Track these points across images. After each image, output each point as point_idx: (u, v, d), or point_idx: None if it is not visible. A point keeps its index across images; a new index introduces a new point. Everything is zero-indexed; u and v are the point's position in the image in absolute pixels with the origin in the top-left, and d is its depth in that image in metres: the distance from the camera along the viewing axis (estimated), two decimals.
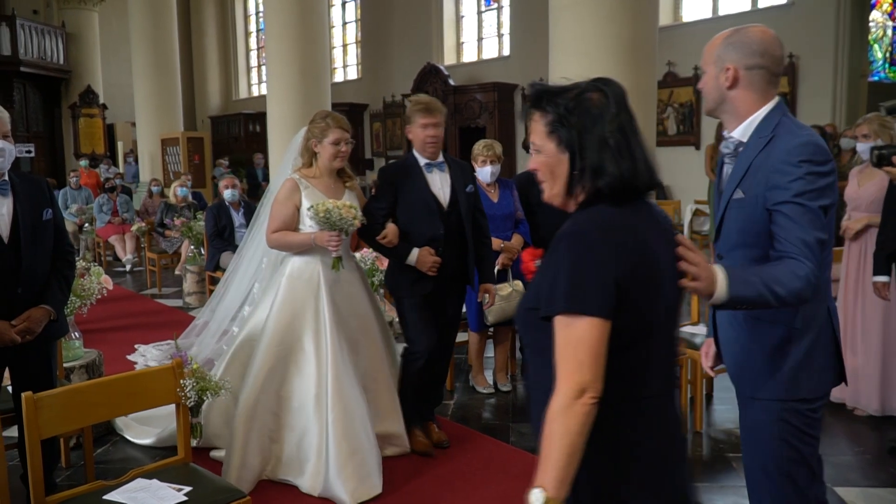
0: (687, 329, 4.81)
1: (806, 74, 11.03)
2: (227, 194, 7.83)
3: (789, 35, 10.89)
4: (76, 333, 4.47)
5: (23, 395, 2.44)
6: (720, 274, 1.95)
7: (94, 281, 4.39)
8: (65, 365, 4.24)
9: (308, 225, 3.76)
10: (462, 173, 4.15)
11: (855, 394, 4.72)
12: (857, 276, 4.70)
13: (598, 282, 1.55)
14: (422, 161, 4.05)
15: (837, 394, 4.80)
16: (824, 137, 7.85)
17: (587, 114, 1.64)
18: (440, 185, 4.05)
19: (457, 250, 4.06)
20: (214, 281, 7.81)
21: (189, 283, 8.49)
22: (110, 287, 4.47)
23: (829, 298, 2.32)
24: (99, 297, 4.40)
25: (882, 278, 4.19)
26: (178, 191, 9.91)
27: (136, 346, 6.05)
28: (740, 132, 2.27)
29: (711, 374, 3.44)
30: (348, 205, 3.65)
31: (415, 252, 3.94)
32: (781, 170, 2.11)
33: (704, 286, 1.89)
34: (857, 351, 4.69)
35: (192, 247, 8.65)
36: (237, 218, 7.88)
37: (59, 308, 3.28)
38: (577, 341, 1.54)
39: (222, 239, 7.70)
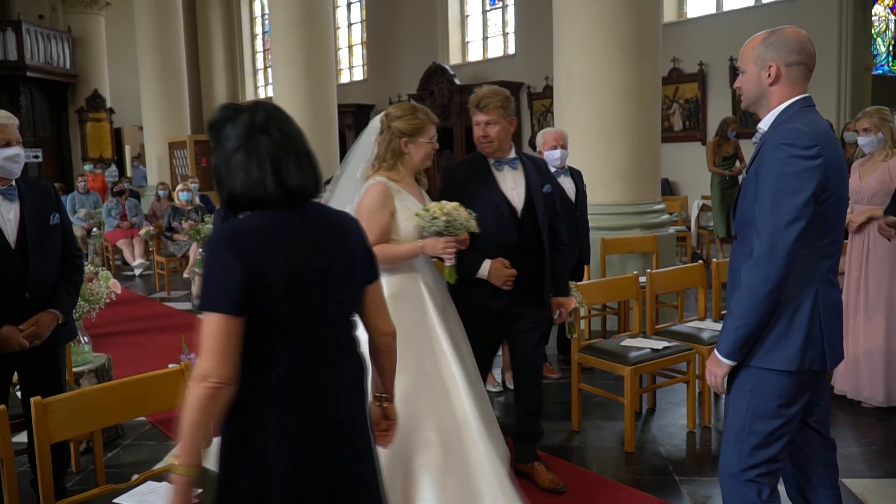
0: (693, 324, 4.81)
1: None
2: None
3: None
4: (85, 338, 4.50)
5: (31, 400, 2.46)
6: (712, 355, 2.45)
7: (103, 285, 4.41)
8: (74, 369, 4.26)
9: (401, 234, 3.24)
10: (538, 171, 3.71)
11: (858, 385, 4.73)
12: (861, 269, 4.71)
13: (221, 282, 1.79)
14: (490, 159, 3.62)
15: (841, 386, 4.82)
16: None
17: (218, 141, 1.92)
18: (512, 184, 3.60)
19: (532, 260, 3.59)
20: None
21: (198, 286, 8.52)
22: (118, 291, 4.49)
23: (826, 284, 2.37)
24: (107, 301, 4.42)
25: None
26: (180, 195, 9.90)
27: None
28: (765, 123, 2.45)
29: None
30: (458, 204, 3.27)
31: (486, 264, 3.47)
32: (769, 153, 2.30)
33: (715, 375, 2.43)
34: (860, 343, 4.70)
35: (200, 250, 8.68)
36: None
37: (68, 312, 3.30)
38: (207, 334, 1.79)
39: None
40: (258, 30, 23.46)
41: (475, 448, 3.07)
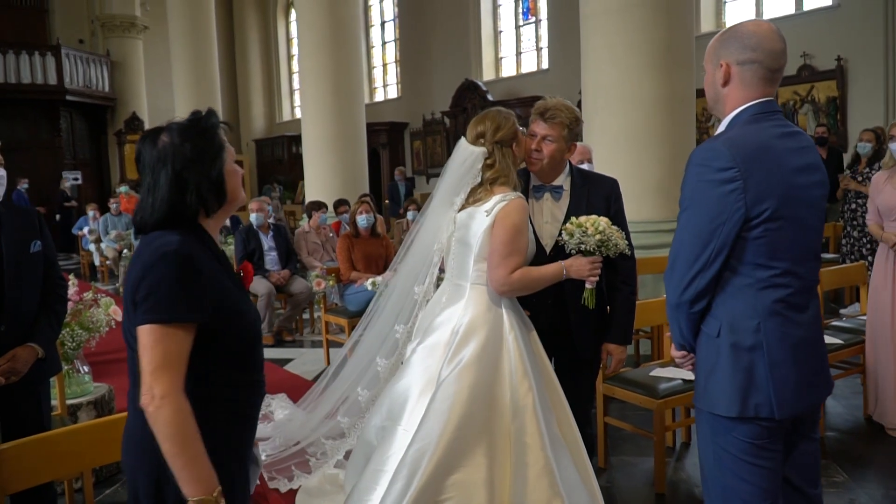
0: None
1: (856, 77, 10.58)
2: (254, 218, 7.70)
3: (837, 37, 10.48)
4: (85, 367, 4.31)
5: None
6: None
7: (103, 312, 4.24)
8: (71, 401, 4.08)
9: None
10: (591, 201, 3.12)
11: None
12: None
13: None
14: (533, 181, 3.20)
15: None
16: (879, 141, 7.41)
17: None
18: (549, 216, 3.13)
19: (562, 304, 3.08)
20: None
21: None
22: (119, 318, 4.31)
23: (774, 318, 2.05)
24: (108, 328, 4.24)
25: None
26: None
27: None
28: (719, 131, 2.19)
29: None
30: (608, 220, 2.94)
31: None
32: (687, 173, 2.10)
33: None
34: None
35: None
36: (266, 241, 7.75)
37: (48, 346, 3.09)
38: None
39: (251, 263, 7.55)
40: (294, 50, 23.52)
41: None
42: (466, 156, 2.96)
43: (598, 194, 3.17)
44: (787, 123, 2.15)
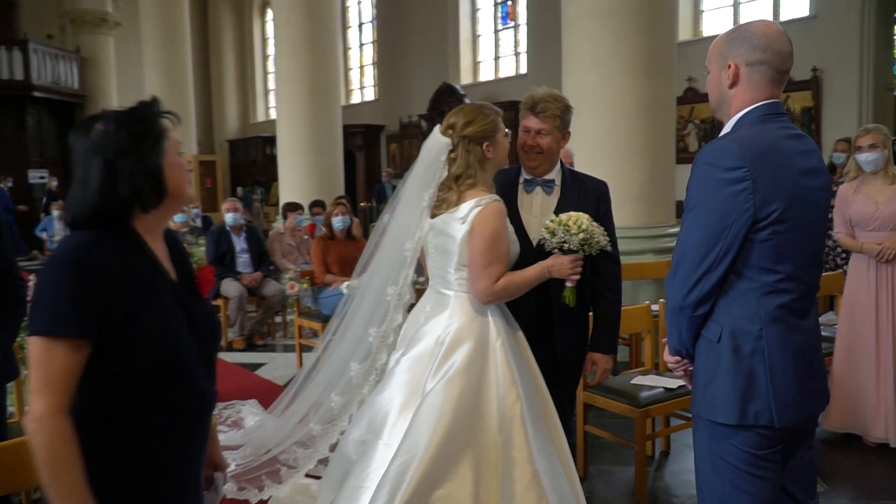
0: None
1: (830, 88, 10.67)
2: (229, 218, 7.55)
3: (813, 48, 10.56)
4: None
5: None
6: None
7: None
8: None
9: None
10: (581, 199, 3.01)
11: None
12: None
13: None
14: (524, 175, 3.09)
15: (877, 433, 4.38)
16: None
17: None
18: (538, 211, 3.02)
19: (546, 302, 2.99)
20: (214, 309, 7.50)
21: None
22: None
23: (776, 324, 2.00)
24: None
25: None
26: (174, 216, 9.63)
27: None
28: (723, 133, 2.15)
29: None
30: (590, 217, 2.83)
31: None
32: (695, 172, 2.05)
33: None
34: (889, 381, 4.30)
35: None
36: (238, 243, 7.60)
37: (5, 349, 2.95)
38: None
39: (223, 265, 7.40)
40: (269, 51, 23.34)
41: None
42: (433, 144, 2.85)
43: (588, 194, 3.08)
44: (792, 126, 2.11)
